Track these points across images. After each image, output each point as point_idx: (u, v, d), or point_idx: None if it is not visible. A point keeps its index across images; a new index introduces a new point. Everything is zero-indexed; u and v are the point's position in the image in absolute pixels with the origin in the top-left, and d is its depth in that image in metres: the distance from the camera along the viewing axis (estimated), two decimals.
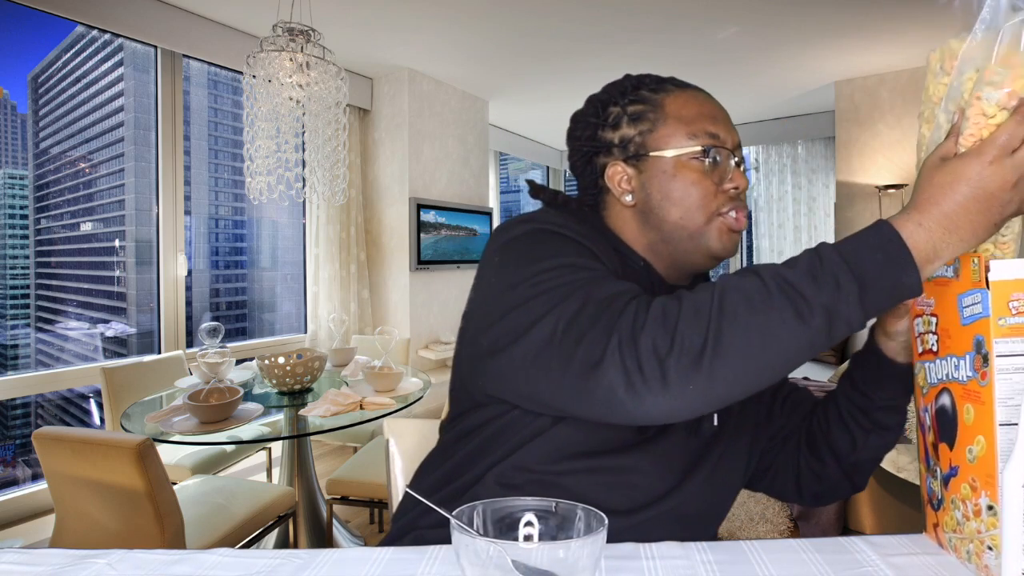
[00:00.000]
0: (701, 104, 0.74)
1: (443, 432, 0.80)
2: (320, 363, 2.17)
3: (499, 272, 0.65)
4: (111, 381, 2.35)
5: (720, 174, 0.72)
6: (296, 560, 0.61)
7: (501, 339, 0.60)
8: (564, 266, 0.61)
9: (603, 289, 0.58)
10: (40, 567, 0.60)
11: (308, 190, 2.45)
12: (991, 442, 0.51)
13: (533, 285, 0.60)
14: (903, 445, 2.05)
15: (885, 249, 0.50)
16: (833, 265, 0.50)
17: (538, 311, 0.58)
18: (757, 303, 0.50)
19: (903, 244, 0.50)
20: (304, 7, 2.81)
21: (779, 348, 0.50)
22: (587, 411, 0.55)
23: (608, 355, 0.52)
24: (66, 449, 1.47)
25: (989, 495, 0.51)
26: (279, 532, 2.20)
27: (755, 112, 5.27)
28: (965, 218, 0.50)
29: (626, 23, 3.33)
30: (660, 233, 0.73)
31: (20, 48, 3.38)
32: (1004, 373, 0.50)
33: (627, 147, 0.74)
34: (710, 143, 0.71)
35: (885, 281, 0.50)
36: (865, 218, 4.25)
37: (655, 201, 0.73)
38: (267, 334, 4.14)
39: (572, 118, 0.81)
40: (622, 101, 0.75)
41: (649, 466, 0.69)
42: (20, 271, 3.19)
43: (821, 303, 0.49)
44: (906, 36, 3.55)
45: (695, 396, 0.51)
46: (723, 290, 0.52)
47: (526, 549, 0.47)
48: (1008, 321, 0.50)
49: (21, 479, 2.94)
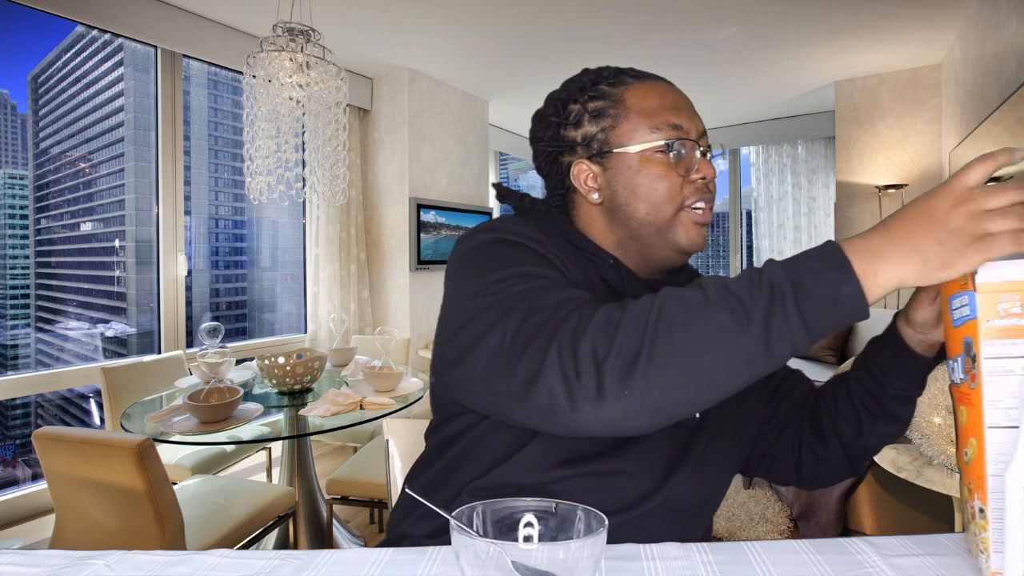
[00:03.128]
0: (662, 94, 0.72)
1: (427, 439, 0.82)
2: (320, 363, 2.17)
3: (458, 283, 0.66)
4: (111, 381, 2.35)
5: (686, 165, 0.71)
6: (295, 561, 0.61)
7: (458, 350, 0.61)
8: (517, 276, 0.61)
9: (550, 297, 0.58)
10: (38, 568, 0.60)
11: (308, 190, 2.44)
12: (981, 445, 0.50)
13: (486, 296, 0.60)
14: (903, 445, 2.05)
15: (824, 259, 0.50)
16: (772, 273, 0.50)
17: (488, 322, 0.58)
18: (695, 308, 0.50)
19: (842, 254, 0.49)
20: (304, 7, 2.81)
21: (716, 355, 0.48)
22: (533, 420, 0.54)
23: (548, 362, 0.52)
24: (66, 449, 1.47)
25: (980, 498, 0.51)
26: (279, 532, 2.20)
27: (755, 112, 5.27)
28: (906, 231, 0.49)
29: (626, 23, 3.32)
30: (628, 230, 0.74)
31: (20, 48, 3.37)
32: (992, 375, 0.49)
33: (591, 145, 0.74)
34: (673, 135, 0.70)
35: (823, 289, 0.48)
36: (865, 218, 4.25)
37: (622, 198, 0.73)
38: (267, 334, 4.14)
39: (534, 118, 0.80)
40: (582, 98, 0.74)
41: (634, 466, 0.69)
42: (20, 271, 3.19)
43: (758, 309, 0.48)
44: (906, 36, 3.54)
45: (633, 404, 0.49)
46: (664, 298, 0.52)
47: (526, 550, 0.47)
48: (996, 323, 0.49)
49: (21, 479, 2.94)
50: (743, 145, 5.76)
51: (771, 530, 2.47)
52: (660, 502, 0.69)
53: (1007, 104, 2.40)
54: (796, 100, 4.88)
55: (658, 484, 0.70)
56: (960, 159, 3.28)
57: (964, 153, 3.17)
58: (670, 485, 0.70)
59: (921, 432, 1.89)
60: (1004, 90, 2.52)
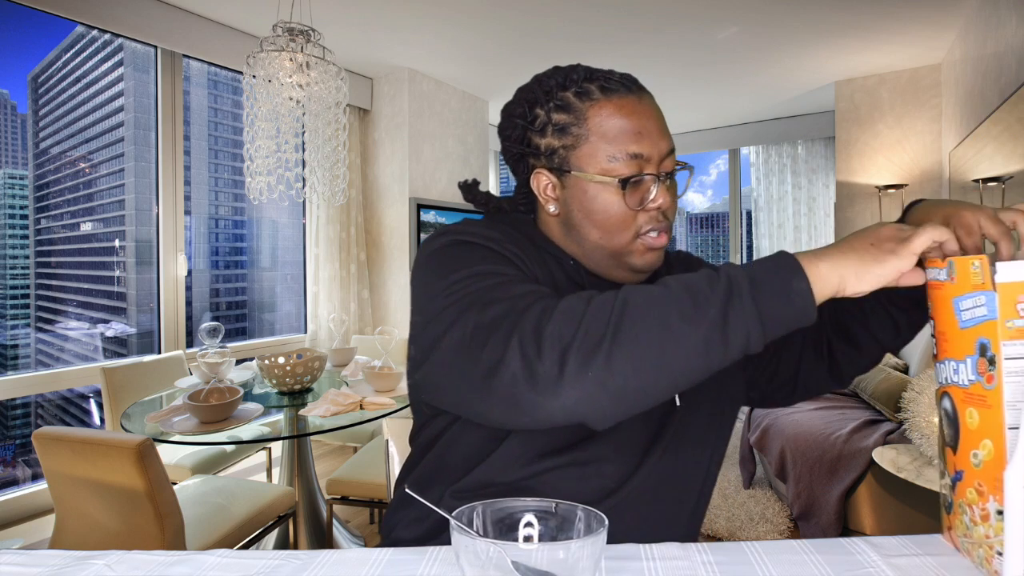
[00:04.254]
0: (627, 116, 0.69)
1: (411, 444, 0.83)
2: (320, 363, 2.17)
3: (420, 286, 0.68)
4: (111, 381, 2.35)
5: (641, 196, 0.70)
6: (295, 561, 0.61)
7: (422, 351, 0.62)
8: (476, 275, 0.63)
9: (510, 291, 0.60)
10: (38, 568, 0.60)
11: (308, 190, 2.44)
12: (999, 446, 0.50)
13: (447, 296, 0.62)
14: (903, 445, 2.05)
15: (777, 261, 0.55)
16: (729, 269, 0.55)
17: (448, 320, 0.59)
18: (657, 298, 0.53)
19: (793, 258, 0.55)
20: (304, 7, 2.81)
21: (676, 340, 0.51)
22: (497, 411, 0.55)
23: (511, 349, 0.53)
24: (66, 449, 1.47)
25: (997, 500, 0.50)
26: (279, 532, 2.20)
27: (755, 112, 5.27)
28: (846, 243, 0.56)
29: (626, 23, 3.33)
30: (582, 247, 0.74)
31: (20, 48, 3.38)
32: (1013, 376, 0.49)
33: (552, 158, 0.72)
34: (632, 167, 0.68)
35: (776, 284, 0.53)
36: (865, 218, 4.25)
37: (576, 219, 0.72)
38: (267, 334, 4.14)
39: (503, 112, 0.78)
40: (547, 105, 0.72)
41: (611, 452, 0.70)
42: (20, 271, 3.19)
43: (717, 298, 0.52)
44: (906, 36, 3.54)
45: (595, 386, 0.51)
46: (628, 290, 0.55)
47: (526, 550, 0.47)
48: (1016, 323, 0.49)
49: (21, 479, 2.94)
50: (743, 145, 5.76)
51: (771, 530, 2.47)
52: (639, 484, 0.70)
53: (1007, 104, 2.40)
54: (796, 100, 4.88)
55: (635, 467, 0.70)
56: (960, 159, 3.28)
57: (964, 153, 3.17)
58: (647, 467, 0.71)
59: (921, 432, 1.89)
60: (1004, 90, 2.52)
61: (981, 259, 0.51)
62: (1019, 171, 2.29)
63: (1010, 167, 2.39)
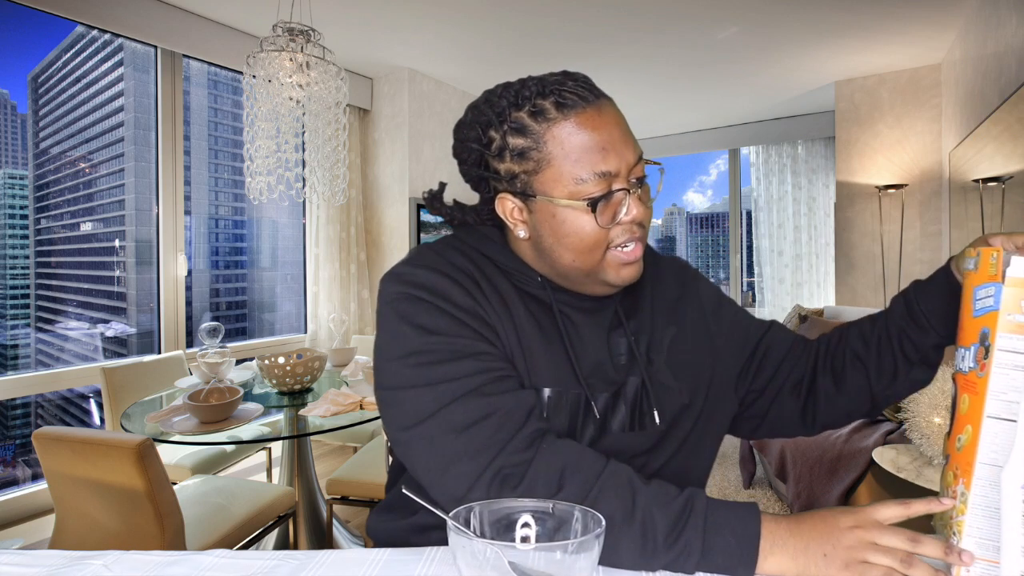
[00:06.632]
0: (589, 132, 0.64)
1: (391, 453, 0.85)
2: (320, 363, 2.17)
3: (381, 334, 0.69)
4: (111, 381, 2.35)
5: (613, 212, 0.66)
6: (292, 561, 0.61)
7: (388, 410, 0.66)
8: (440, 359, 0.64)
9: (486, 406, 0.62)
10: (38, 568, 0.60)
11: (308, 190, 2.45)
12: (976, 431, 0.52)
13: (412, 368, 0.64)
14: (903, 445, 2.05)
15: (739, 538, 0.56)
16: (694, 530, 0.57)
17: (422, 410, 0.62)
18: (618, 520, 0.57)
19: (756, 544, 0.56)
20: (304, 7, 2.81)
21: (615, 556, 0.57)
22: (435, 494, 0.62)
23: (480, 483, 0.59)
24: (66, 449, 1.47)
25: (964, 483, 0.52)
26: (279, 532, 2.21)
27: (755, 112, 5.27)
28: (808, 533, 0.56)
29: (626, 23, 3.32)
30: (555, 270, 0.71)
31: (20, 48, 3.38)
32: (1002, 368, 0.51)
33: (514, 182, 0.69)
34: (601, 186, 0.65)
35: (725, 563, 0.56)
36: (865, 218, 4.25)
37: (547, 243, 0.69)
38: (267, 334, 4.14)
39: (455, 132, 0.74)
40: (502, 128, 0.68)
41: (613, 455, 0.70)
42: (20, 271, 3.19)
43: (667, 555, 0.56)
44: (906, 36, 3.54)
45: None
46: (603, 488, 0.59)
47: (523, 550, 0.47)
48: (1016, 318, 0.50)
49: (21, 479, 2.94)
50: (743, 145, 5.76)
51: None
52: None
53: (1007, 104, 2.40)
54: (796, 100, 4.87)
55: None
56: (960, 159, 3.27)
57: (964, 153, 3.16)
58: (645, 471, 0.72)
59: (921, 432, 1.88)
60: (1004, 90, 2.52)
61: (998, 251, 0.53)
62: (1019, 171, 2.28)
63: (1010, 167, 2.39)
